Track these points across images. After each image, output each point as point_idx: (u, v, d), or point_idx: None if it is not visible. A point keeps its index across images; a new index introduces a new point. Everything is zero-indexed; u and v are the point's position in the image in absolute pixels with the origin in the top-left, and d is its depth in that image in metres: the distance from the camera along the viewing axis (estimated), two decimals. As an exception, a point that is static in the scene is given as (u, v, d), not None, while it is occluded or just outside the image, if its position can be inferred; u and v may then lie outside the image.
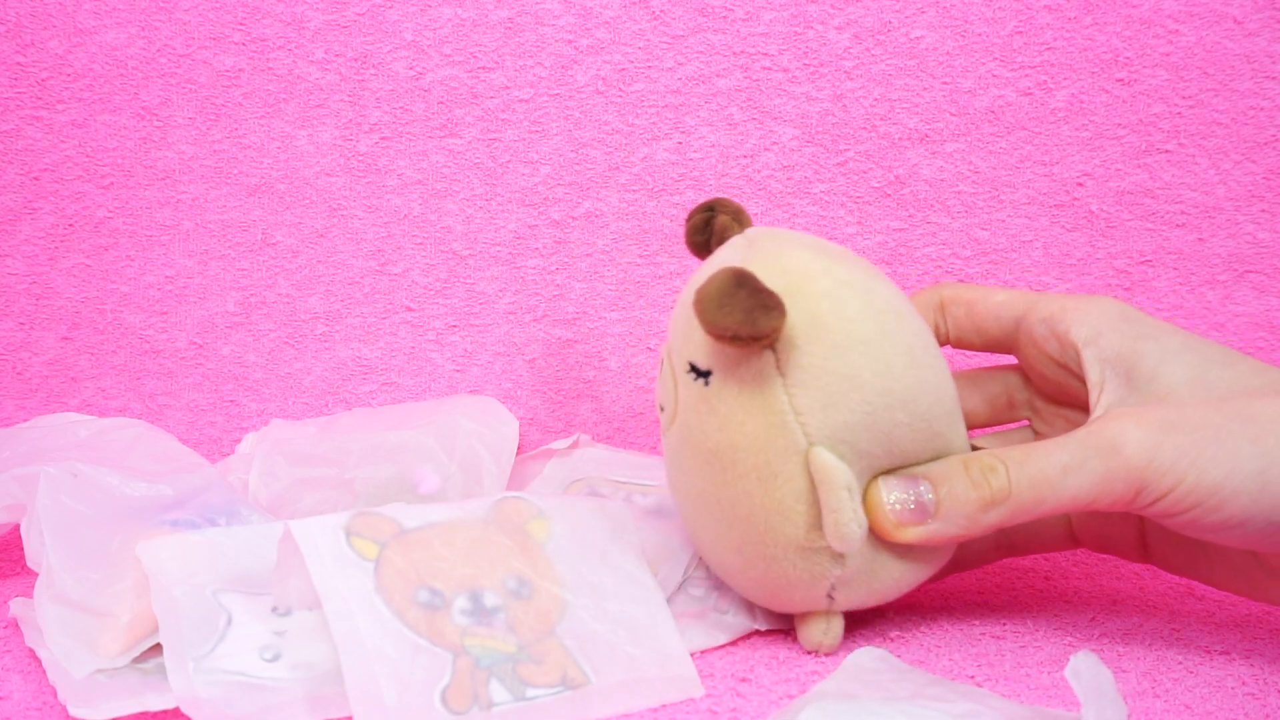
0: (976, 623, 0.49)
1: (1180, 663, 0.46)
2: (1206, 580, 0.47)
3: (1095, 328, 0.46)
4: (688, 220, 0.48)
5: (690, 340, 0.43)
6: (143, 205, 0.61)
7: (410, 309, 0.62)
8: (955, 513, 0.43)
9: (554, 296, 0.62)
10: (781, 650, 0.47)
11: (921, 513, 0.43)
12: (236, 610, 0.41)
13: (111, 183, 0.61)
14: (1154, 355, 0.45)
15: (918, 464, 0.44)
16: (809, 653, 0.46)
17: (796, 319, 0.42)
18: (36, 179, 0.61)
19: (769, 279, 0.41)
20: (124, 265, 0.61)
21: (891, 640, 0.48)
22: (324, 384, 0.62)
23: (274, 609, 0.42)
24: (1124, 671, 0.45)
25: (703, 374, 0.43)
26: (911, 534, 0.43)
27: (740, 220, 0.47)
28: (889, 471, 0.44)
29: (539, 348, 0.62)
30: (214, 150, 0.61)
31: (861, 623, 0.49)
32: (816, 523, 0.43)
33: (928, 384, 0.44)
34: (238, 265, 0.61)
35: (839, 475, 0.42)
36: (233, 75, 0.61)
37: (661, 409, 0.46)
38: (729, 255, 0.45)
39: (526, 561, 0.44)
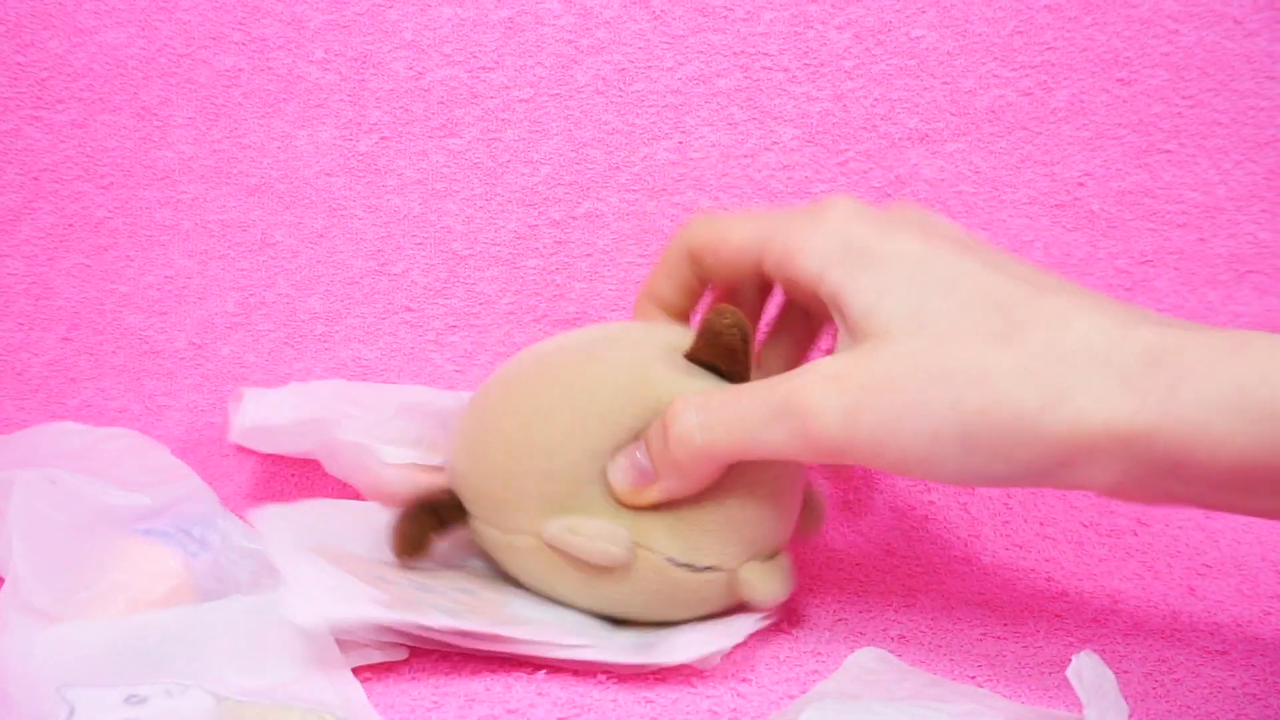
0: (977, 623, 0.49)
1: (1182, 663, 0.46)
2: None
3: (820, 264, 0.44)
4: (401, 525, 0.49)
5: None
6: (142, 205, 0.61)
7: (410, 309, 0.62)
8: (664, 465, 0.44)
9: (554, 296, 0.62)
10: (782, 650, 0.47)
11: (644, 475, 0.44)
12: (81, 703, 0.39)
13: (111, 183, 0.61)
14: (871, 290, 0.42)
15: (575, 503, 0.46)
16: (810, 652, 0.46)
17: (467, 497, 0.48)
18: (36, 179, 0.61)
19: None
20: (123, 265, 0.61)
21: (893, 640, 0.47)
22: (324, 384, 0.62)
23: (127, 699, 0.39)
24: (1125, 672, 0.45)
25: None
26: (646, 497, 0.44)
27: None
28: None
29: (539, 348, 0.62)
30: (213, 150, 0.61)
31: (862, 623, 0.49)
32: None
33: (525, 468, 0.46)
34: (237, 265, 0.61)
35: (552, 527, 0.45)
36: (232, 75, 0.61)
37: None
38: None
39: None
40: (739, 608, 0.47)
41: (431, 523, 0.47)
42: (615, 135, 0.61)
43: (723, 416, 0.43)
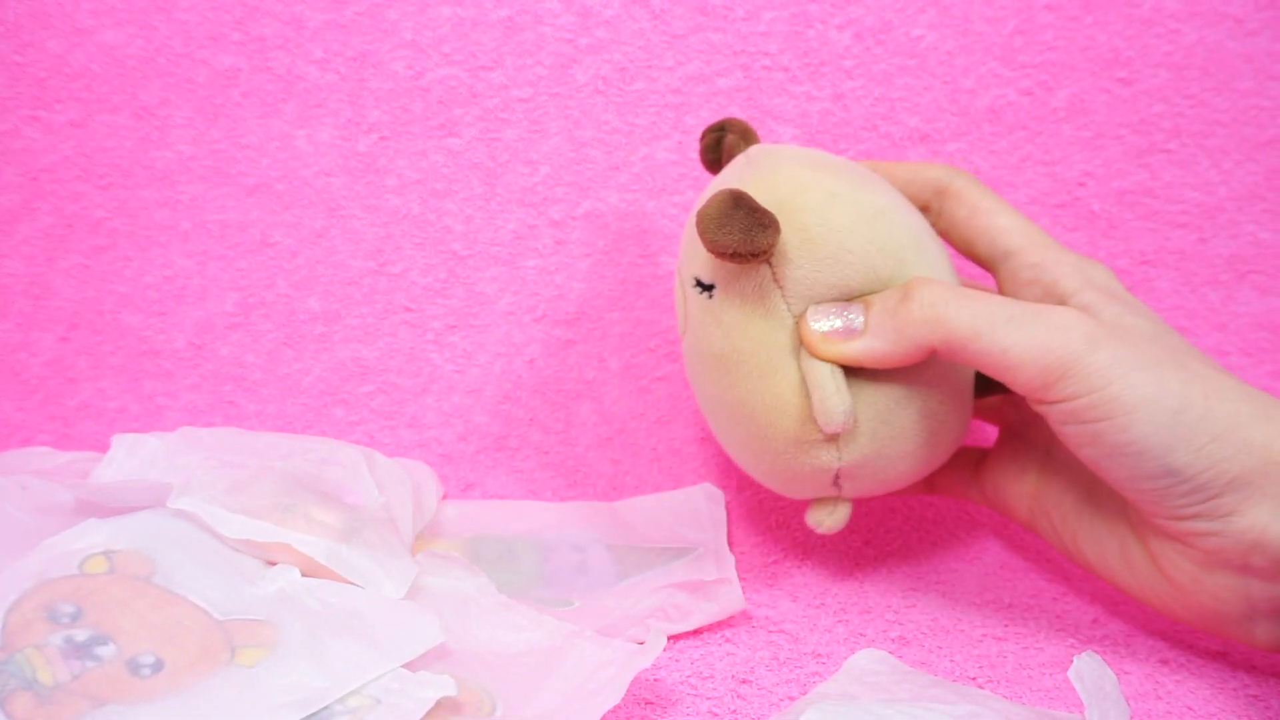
0: (978, 624, 0.49)
1: (1183, 664, 0.46)
2: (1077, 557, 0.49)
3: (1081, 285, 0.46)
4: (701, 139, 0.52)
5: (695, 258, 0.47)
6: (141, 205, 0.61)
7: (409, 309, 0.62)
8: (884, 325, 0.44)
9: (554, 296, 0.62)
10: (782, 651, 0.47)
11: (849, 332, 0.45)
12: None
13: (110, 183, 0.61)
14: (1073, 270, 0.47)
15: None
16: (810, 653, 0.46)
17: (788, 234, 0.45)
18: (34, 179, 0.61)
19: (762, 197, 0.45)
20: (122, 266, 0.61)
21: (893, 641, 0.47)
22: (322, 384, 0.62)
23: None
24: (1126, 674, 0.45)
25: (707, 288, 0.47)
26: (839, 350, 0.45)
27: (747, 138, 0.51)
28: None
29: (539, 348, 0.62)
30: (212, 150, 0.61)
31: (863, 624, 0.49)
32: (810, 416, 0.46)
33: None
34: (236, 265, 0.61)
35: (818, 365, 0.45)
36: (231, 75, 0.60)
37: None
38: (730, 175, 0.49)
39: None
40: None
41: (774, 241, 0.44)
42: (615, 135, 0.61)
43: (970, 299, 0.43)
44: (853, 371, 0.45)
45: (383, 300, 0.62)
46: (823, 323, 0.45)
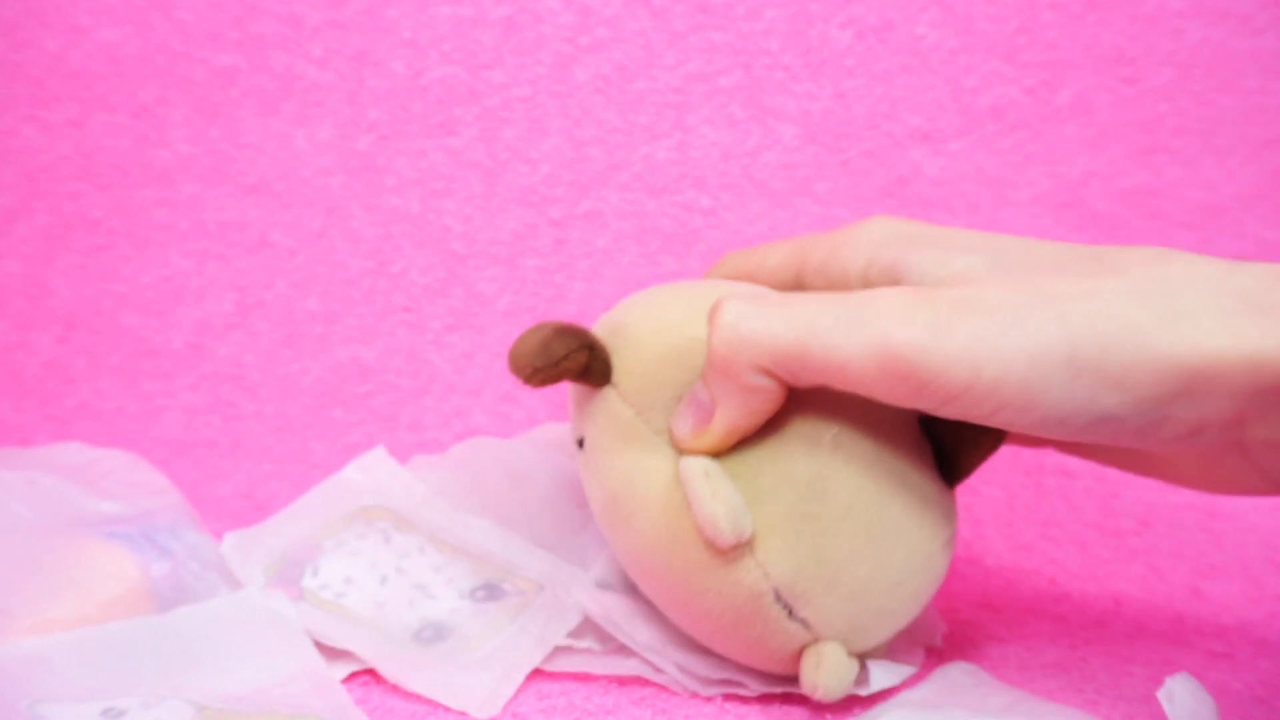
0: (980, 625, 0.49)
1: (1186, 666, 0.46)
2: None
3: (868, 254, 0.41)
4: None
5: (573, 419, 0.44)
6: (139, 205, 0.61)
7: (409, 309, 0.61)
8: (718, 378, 0.38)
9: (554, 296, 0.61)
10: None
11: (702, 410, 0.39)
12: (56, 717, 0.38)
13: (108, 182, 0.61)
14: (931, 258, 0.39)
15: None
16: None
17: (620, 346, 0.42)
18: (32, 179, 0.60)
19: (598, 332, 0.43)
20: (120, 265, 0.61)
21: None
22: (322, 385, 0.61)
23: (104, 712, 0.38)
24: (1129, 675, 0.45)
25: (580, 443, 0.43)
26: (707, 440, 0.39)
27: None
28: None
29: (539, 348, 0.61)
30: (211, 149, 0.61)
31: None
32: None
33: None
34: (235, 265, 0.61)
35: (693, 464, 0.39)
36: (229, 74, 0.60)
37: None
38: None
39: None
40: None
41: (580, 351, 0.41)
42: (615, 134, 0.61)
43: (780, 309, 0.37)
44: (757, 456, 0.40)
45: (382, 300, 0.61)
46: (680, 416, 0.40)
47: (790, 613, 0.40)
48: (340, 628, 0.44)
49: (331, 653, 0.42)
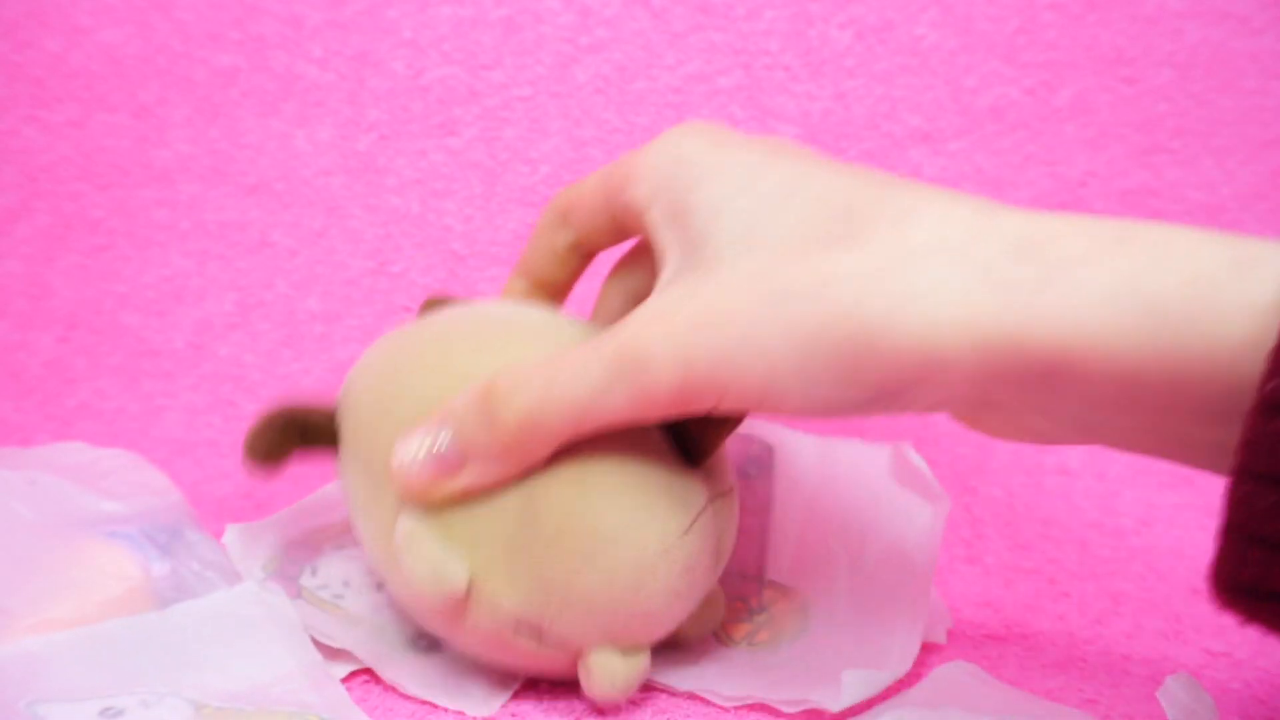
0: (979, 624, 0.49)
1: (1185, 665, 0.46)
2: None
3: (654, 184, 0.39)
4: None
5: None
6: (140, 205, 0.61)
7: (409, 309, 0.61)
8: (487, 446, 0.37)
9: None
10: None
11: (446, 464, 0.38)
12: (54, 717, 0.38)
13: (108, 182, 0.61)
14: (705, 209, 0.37)
15: None
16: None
17: (357, 398, 0.43)
18: (33, 179, 0.60)
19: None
20: (121, 265, 0.61)
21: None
22: (322, 385, 0.61)
23: (102, 712, 0.38)
24: (1128, 674, 0.45)
25: None
26: (455, 485, 0.38)
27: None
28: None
29: (539, 348, 0.61)
30: (211, 150, 0.61)
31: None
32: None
33: None
34: (235, 265, 0.61)
35: (400, 526, 0.39)
36: (230, 74, 0.60)
37: None
38: None
39: None
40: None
41: (294, 436, 0.43)
42: (615, 134, 0.61)
43: (558, 380, 0.37)
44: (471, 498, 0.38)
45: (383, 300, 0.61)
46: (410, 462, 0.38)
47: (540, 638, 0.39)
48: (338, 627, 0.44)
49: (330, 652, 0.42)
